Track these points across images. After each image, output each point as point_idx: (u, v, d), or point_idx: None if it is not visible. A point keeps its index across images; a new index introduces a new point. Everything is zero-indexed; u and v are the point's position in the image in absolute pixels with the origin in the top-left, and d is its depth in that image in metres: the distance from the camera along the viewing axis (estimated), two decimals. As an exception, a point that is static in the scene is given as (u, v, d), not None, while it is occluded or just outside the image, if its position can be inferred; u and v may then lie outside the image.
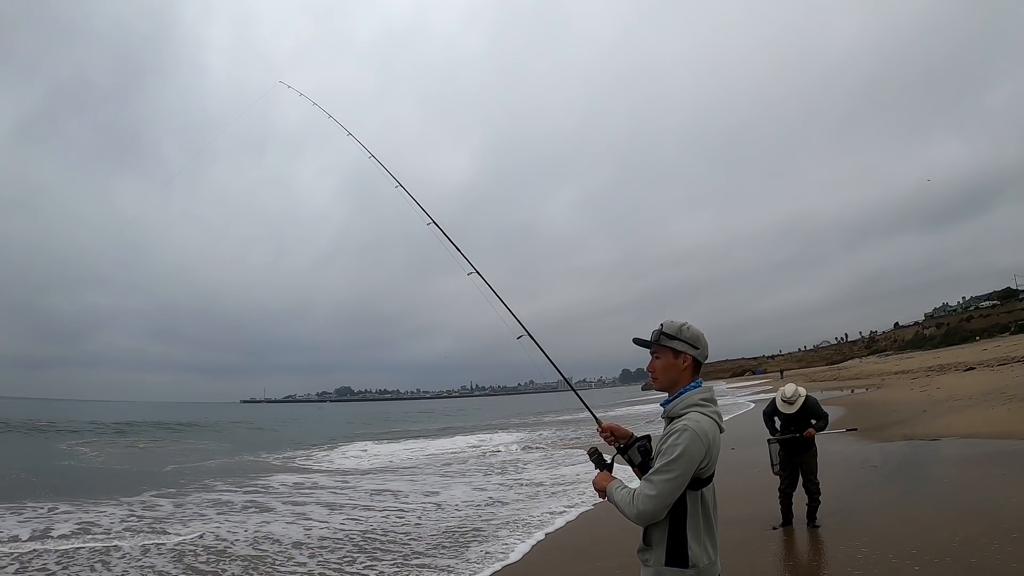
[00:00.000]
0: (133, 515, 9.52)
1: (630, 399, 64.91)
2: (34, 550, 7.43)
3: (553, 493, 10.61)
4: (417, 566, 6.56)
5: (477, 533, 7.95)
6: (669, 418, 2.29)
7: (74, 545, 7.66)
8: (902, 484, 8.26)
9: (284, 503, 10.71)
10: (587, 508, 8.91)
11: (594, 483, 2.41)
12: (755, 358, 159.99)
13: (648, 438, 2.40)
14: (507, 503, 9.97)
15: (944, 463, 9.36)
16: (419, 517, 9.16)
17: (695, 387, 2.29)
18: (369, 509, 9.98)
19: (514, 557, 6.79)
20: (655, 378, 2.36)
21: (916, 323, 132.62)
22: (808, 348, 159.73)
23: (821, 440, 7.18)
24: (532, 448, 18.93)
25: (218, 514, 9.72)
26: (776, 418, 7.14)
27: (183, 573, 6.61)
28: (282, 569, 6.68)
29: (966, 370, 28.98)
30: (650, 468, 2.22)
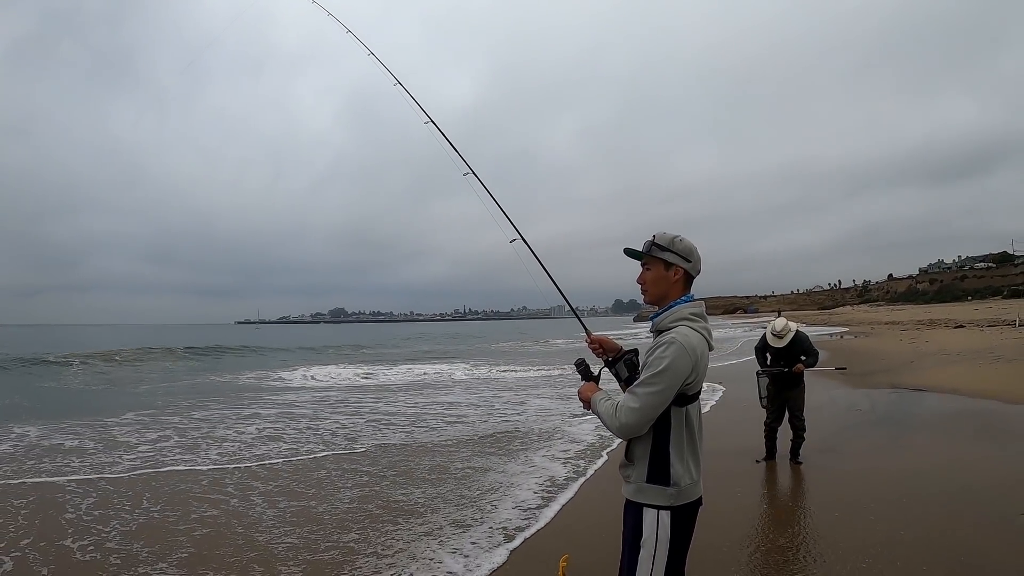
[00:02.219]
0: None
1: (623, 328, 65.64)
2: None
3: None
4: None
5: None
6: (657, 331, 2.21)
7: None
8: (887, 430, 8.39)
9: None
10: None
11: (579, 393, 2.36)
12: (748, 297, 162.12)
13: (635, 352, 2.34)
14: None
15: (928, 414, 9.50)
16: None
17: (686, 300, 2.22)
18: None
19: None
20: (645, 290, 2.31)
21: (910, 277, 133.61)
22: (801, 292, 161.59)
23: (809, 380, 7.22)
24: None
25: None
26: (767, 353, 7.14)
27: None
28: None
29: (956, 327, 29.32)
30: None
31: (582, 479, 6.56)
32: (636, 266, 2.34)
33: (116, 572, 4.32)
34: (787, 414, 7.02)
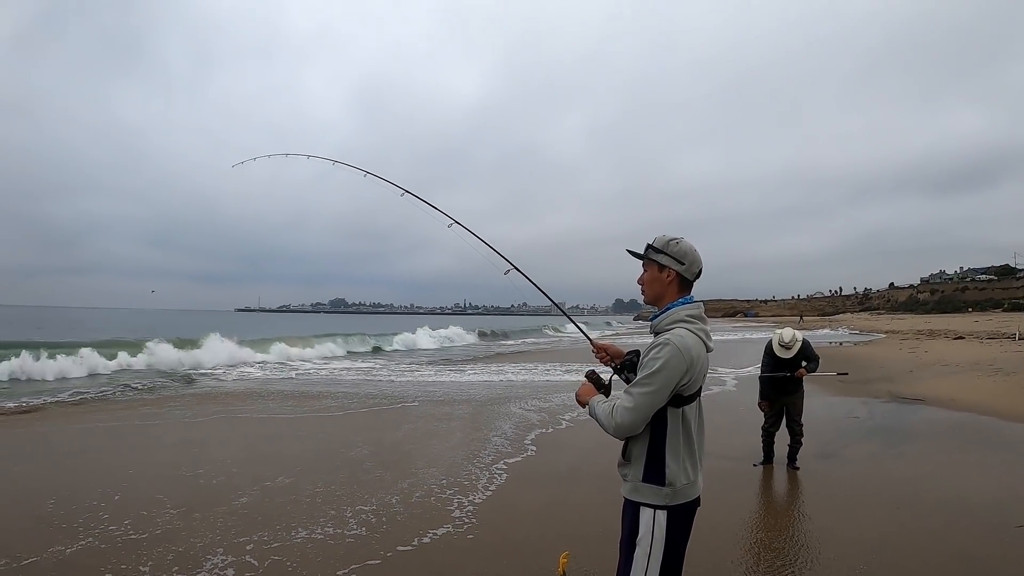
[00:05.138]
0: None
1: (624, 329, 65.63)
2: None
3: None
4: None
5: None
6: (655, 333, 2.25)
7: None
8: (884, 438, 8.43)
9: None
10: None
11: (577, 395, 2.41)
12: (748, 301, 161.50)
13: (637, 352, 2.36)
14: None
15: (925, 424, 9.52)
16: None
17: (684, 303, 2.24)
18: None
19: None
20: (643, 291, 2.37)
21: (911, 286, 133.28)
22: (802, 297, 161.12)
23: (807, 386, 7.28)
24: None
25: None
26: (771, 360, 7.12)
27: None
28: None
29: (955, 338, 29.24)
30: None
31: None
32: (637, 265, 2.39)
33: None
34: (785, 419, 7.06)
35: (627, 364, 2.38)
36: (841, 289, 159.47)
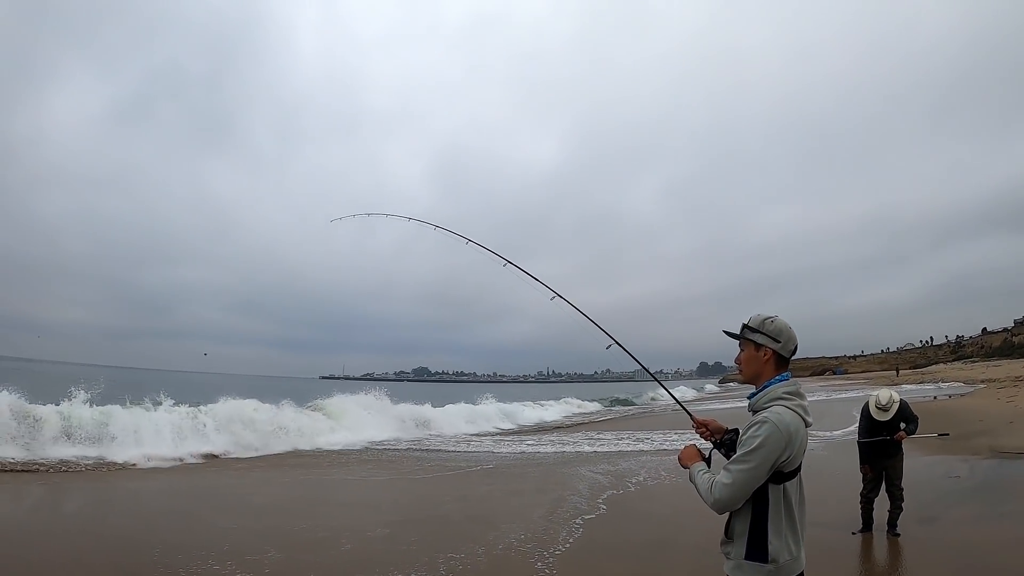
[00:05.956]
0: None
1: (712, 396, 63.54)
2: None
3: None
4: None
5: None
6: (753, 411, 2.29)
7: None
8: (987, 499, 7.92)
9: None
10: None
11: (679, 457, 2.45)
12: (836, 357, 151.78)
13: (736, 431, 2.41)
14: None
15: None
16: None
17: (780, 381, 2.28)
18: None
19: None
20: (740, 370, 2.41)
21: (1005, 329, 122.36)
22: (891, 350, 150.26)
23: (905, 446, 6.93)
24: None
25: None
26: (868, 423, 6.88)
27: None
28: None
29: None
30: None
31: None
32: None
33: None
34: (885, 483, 6.75)
35: (727, 442, 2.41)
36: (932, 339, 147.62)
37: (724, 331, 2.47)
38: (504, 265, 4.20)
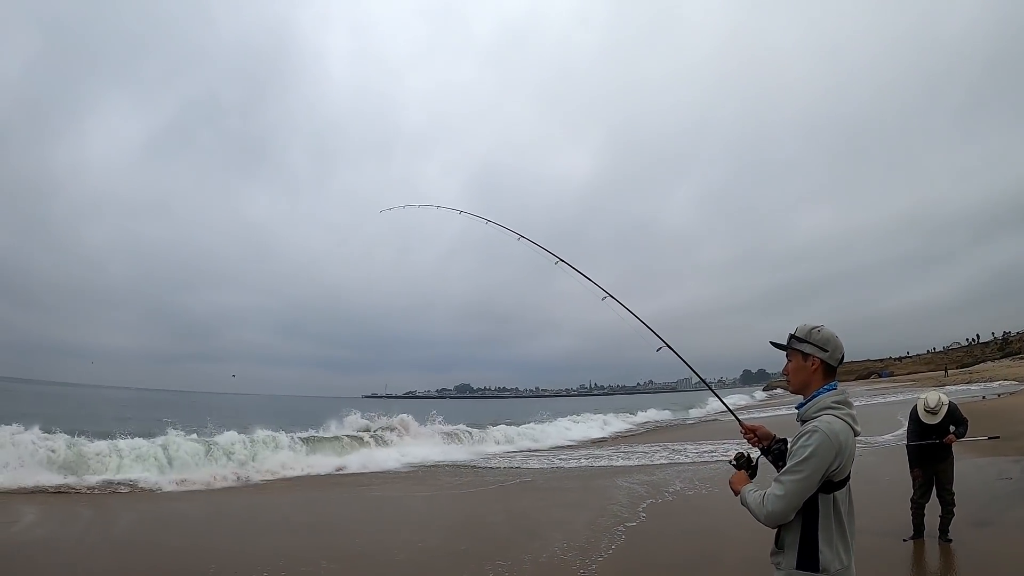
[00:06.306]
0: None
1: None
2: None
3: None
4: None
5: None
6: (803, 421, 2.31)
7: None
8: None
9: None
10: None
11: (730, 483, 2.47)
12: (881, 360, 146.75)
13: (785, 441, 2.44)
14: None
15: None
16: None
17: (828, 390, 2.30)
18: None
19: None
20: (788, 380, 2.43)
21: None
22: (937, 350, 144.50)
23: (955, 448, 6.74)
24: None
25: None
26: (917, 427, 6.74)
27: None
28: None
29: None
30: None
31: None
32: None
33: None
34: (935, 488, 6.60)
35: (776, 452, 2.42)
36: (978, 336, 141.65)
37: (771, 342, 2.50)
38: (556, 263, 4.21)
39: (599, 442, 24.55)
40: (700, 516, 8.29)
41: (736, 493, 2.40)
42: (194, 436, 16.17)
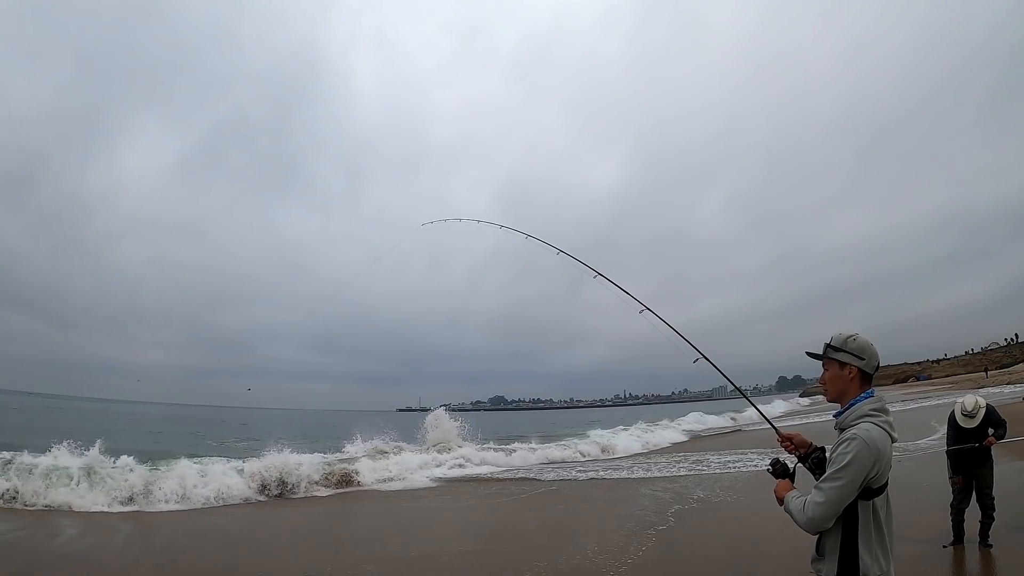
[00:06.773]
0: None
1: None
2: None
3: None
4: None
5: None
6: (841, 429, 2.34)
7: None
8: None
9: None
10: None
11: (775, 491, 2.49)
12: (918, 363, 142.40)
13: (823, 449, 2.47)
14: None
15: None
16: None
17: (866, 398, 2.33)
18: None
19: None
20: (826, 389, 2.45)
21: None
22: (976, 351, 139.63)
23: (994, 451, 6.65)
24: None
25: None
26: (955, 431, 6.67)
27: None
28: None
29: None
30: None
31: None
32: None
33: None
34: (975, 492, 6.51)
35: (815, 460, 2.46)
36: (1017, 336, 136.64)
37: (807, 352, 2.54)
38: (595, 277, 4.28)
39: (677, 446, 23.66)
40: (732, 524, 8.37)
41: (780, 501, 2.43)
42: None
